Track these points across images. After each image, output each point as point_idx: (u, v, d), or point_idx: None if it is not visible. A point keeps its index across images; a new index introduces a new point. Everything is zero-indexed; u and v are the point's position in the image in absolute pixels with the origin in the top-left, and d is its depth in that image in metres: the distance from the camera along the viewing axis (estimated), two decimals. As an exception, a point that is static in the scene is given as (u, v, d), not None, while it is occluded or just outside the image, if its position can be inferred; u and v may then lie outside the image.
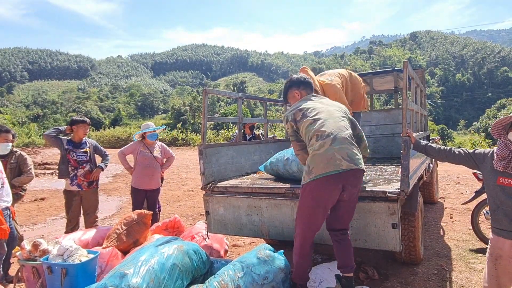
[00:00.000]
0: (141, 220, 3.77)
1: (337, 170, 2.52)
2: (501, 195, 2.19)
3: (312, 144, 2.62)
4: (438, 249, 4.23)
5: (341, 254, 2.75)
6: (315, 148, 2.59)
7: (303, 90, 2.98)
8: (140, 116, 74.47)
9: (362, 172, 2.66)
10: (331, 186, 2.56)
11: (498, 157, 2.20)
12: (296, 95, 2.99)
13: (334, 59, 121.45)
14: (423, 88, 5.64)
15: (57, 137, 4.46)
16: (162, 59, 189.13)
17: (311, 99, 2.90)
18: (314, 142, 2.61)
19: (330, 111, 2.79)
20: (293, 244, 2.79)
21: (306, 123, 2.70)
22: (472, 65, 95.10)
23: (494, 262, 2.23)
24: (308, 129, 2.69)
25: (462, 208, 6.10)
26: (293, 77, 3.08)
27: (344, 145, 2.59)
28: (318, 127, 2.64)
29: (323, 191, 2.58)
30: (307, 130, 2.69)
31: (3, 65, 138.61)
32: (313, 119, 2.69)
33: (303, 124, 2.72)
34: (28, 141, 30.99)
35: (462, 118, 73.16)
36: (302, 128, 2.74)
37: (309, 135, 2.67)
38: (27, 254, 3.08)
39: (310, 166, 2.59)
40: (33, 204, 8.14)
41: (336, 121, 2.72)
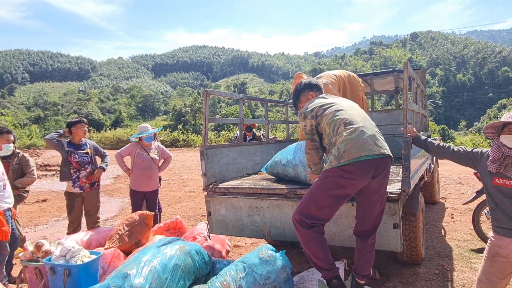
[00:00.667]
0: (143, 221, 3.78)
1: (370, 155, 2.42)
2: (498, 194, 2.22)
3: (341, 132, 2.51)
4: (439, 249, 4.23)
5: (361, 262, 2.70)
6: (345, 134, 2.48)
7: (316, 91, 3.02)
8: (141, 117, 74.60)
9: (391, 161, 2.59)
10: (363, 172, 2.43)
11: (491, 159, 2.24)
12: (310, 96, 3.00)
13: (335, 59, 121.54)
14: (424, 89, 5.65)
15: (58, 140, 4.46)
16: (162, 60, 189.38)
17: (326, 97, 2.89)
18: (343, 128, 2.52)
19: (350, 104, 2.82)
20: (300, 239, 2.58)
21: (330, 115, 2.63)
22: (473, 65, 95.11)
23: (491, 259, 2.25)
24: (332, 119, 2.60)
25: (463, 208, 6.10)
26: (305, 81, 3.11)
27: (374, 133, 2.56)
28: (344, 116, 2.59)
29: (354, 178, 2.43)
30: (331, 121, 2.60)
31: (4, 67, 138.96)
32: (336, 110, 2.65)
33: (326, 117, 2.64)
34: (30, 143, 31.03)
35: (463, 118, 73.18)
36: (324, 121, 2.64)
37: (336, 124, 2.57)
38: (30, 255, 3.09)
39: (341, 150, 2.44)
40: (35, 206, 8.16)
41: (360, 112, 2.74)
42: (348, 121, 2.55)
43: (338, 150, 2.46)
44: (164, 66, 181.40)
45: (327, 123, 2.62)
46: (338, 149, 2.46)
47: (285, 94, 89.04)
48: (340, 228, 3.07)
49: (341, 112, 2.63)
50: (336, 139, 2.53)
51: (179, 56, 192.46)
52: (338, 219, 3.05)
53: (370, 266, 2.74)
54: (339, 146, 2.47)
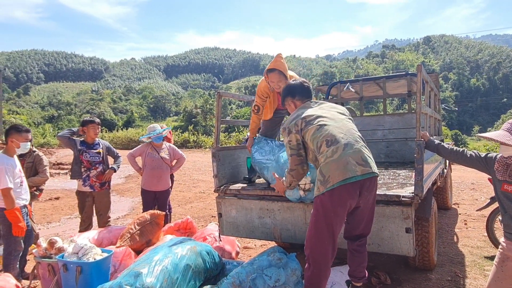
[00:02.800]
0: (154, 221, 3.81)
1: (353, 176, 2.37)
2: (506, 200, 2.22)
3: (323, 151, 2.45)
4: (452, 256, 4.17)
5: (354, 264, 2.71)
6: (327, 155, 2.41)
7: (298, 100, 2.82)
8: (152, 118, 75.22)
9: (376, 177, 2.55)
10: (350, 194, 2.40)
11: (495, 166, 2.24)
12: (292, 104, 2.86)
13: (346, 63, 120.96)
14: (437, 93, 5.59)
15: (70, 138, 4.51)
16: (174, 62, 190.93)
17: (311, 107, 2.73)
18: (325, 148, 2.44)
19: (334, 115, 2.67)
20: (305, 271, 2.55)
21: (312, 130, 2.53)
22: (488, 70, 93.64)
23: (501, 264, 2.23)
24: (314, 135, 2.51)
25: (477, 215, 6.00)
26: (290, 84, 2.93)
27: (357, 148, 2.47)
28: (326, 133, 2.49)
29: (343, 201, 2.40)
30: (313, 137, 2.51)
31: (20, 67, 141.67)
32: (318, 125, 2.54)
33: (309, 132, 2.54)
34: (43, 142, 31.53)
35: (477, 124, 72.03)
36: (307, 136, 2.55)
37: (318, 142, 2.49)
38: (43, 252, 3.14)
39: (326, 175, 2.39)
40: (48, 203, 8.29)
41: (343, 124, 2.61)
42: (330, 139, 2.46)
43: (323, 175, 2.41)
44: (176, 68, 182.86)
45: (311, 139, 2.53)
46: (323, 174, 2.41)
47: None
48: None
49: (325, 128, 2.52)
50: (319, 158, 2.48)
51: (190, 58, 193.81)
52: (349, 223, 3.03)
53: (364, 267, 2.74)
54: (322, 170, 2.42)
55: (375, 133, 6.07)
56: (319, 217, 2.45)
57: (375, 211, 2.77)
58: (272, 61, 3.56)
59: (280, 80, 3.50)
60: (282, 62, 3.50)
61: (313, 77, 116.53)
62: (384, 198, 2.86)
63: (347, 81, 6.64)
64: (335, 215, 2.43)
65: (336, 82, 6.87)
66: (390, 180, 3.80)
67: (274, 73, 3.49)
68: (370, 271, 3.58)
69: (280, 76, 3.48)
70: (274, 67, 3.49)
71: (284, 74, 3.48)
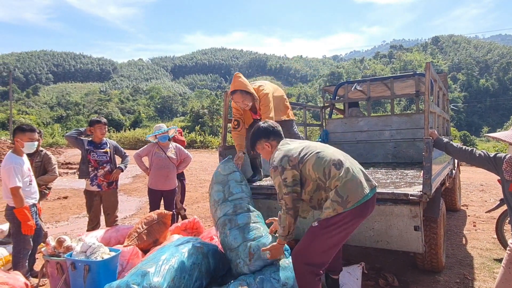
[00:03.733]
0: (161, 220, 3.82)
1: (367, 194, 2.38)
2: None
3: (335, 175, 2.38)
4: (460, 258, 4.13)
5: (334, 259, 2.73)
6: (342, 176, 2.36)
7: (273, 140, 2.74)
8: (160, 118, 75.53)
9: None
10: (368, 211, 2.43)
11: (503, 166, 2.23)
12: (267, 147, 2.76)
13: (354, 63, 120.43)
14: (446, 92, 5.54)
15: (78, 138, 4.53)
16: (181, 62, 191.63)
17: (289, 143, 2.69)
18: (336, 171, 2.38)
19: (318, 144, 2.68)
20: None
21: (312, 159, 2.46)
22: (497, 70, 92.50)
23: (509, 266, 2.21)
24: (318, 164, 2.44)
25: (486, 216, 5.94)
26: (260, 127, 2.80)
27: (358, 167, 2.51)
28: (330, 158, 2.44)
29: (359, 219, 2.41)
30: (317, 166, 2.43)
31: (30, 68, 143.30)
32: (315, 153, 2.48)
33: (308, 162, 2.46)
34: (52, 141, 31.84)
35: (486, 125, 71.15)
36: (308, 167, 2.46)
37: (324, 168, 2.42)
38: (52, 250, 3.16)
39: (344, 195, 2.32)
40: (56, 202, 8.37)
41: (333, 149, 2.62)
42: (337, 162, 2.43)
43: (341, 196, 2.33)
44: (183, 68, 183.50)
45: (313, 169, 2.45)
46: (340, 195, 2.33)
47: (302, 97, 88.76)
48: (360, 229, 3.06)
49: (324, 154, 2.48)
50: (331, 183, 2.39)
51: (197, 58, 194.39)
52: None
53: (341, 261, 2.93)
54: (339, 191, 2.34)
55: (383, 133, 6.04)
56: (331, 235, 2.38)
57: (384, 210, 2.83)
58: (231, 83, 3.68)
59: (244, 99, 3.62)
60: (241, 81, 3.62)
61: (320, 77, 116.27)
62: (392, 196, 2.85)
63: (355, 81, 6.62)
64: (349, 232, 2.43)
65: (344, 83, 6.85)
66: (398, 179, 3.78)
67: (236, 94, 3.63)
68: (377, 273, 3.57)
69: (243, 95, 3.61)
70: (235, 88, 3.61)
71: (245, 91, 3.59)
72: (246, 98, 3.62)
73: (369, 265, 3.69)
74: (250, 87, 3.65)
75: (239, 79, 3.65)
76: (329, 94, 7.27)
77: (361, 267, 3.10)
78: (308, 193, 2.53)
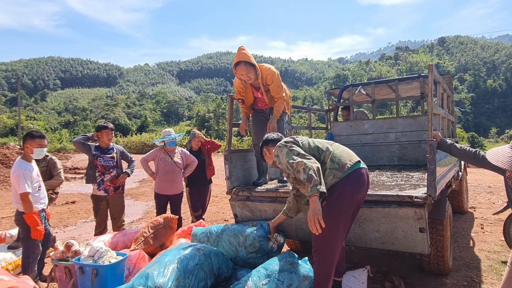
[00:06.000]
0: (167, 224, 3.86)
1: (358, 161, 2.67)
2: None
3: (327, 149, 2.71)
4: (467, 260, 4.10)
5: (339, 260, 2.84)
6: (334, 149, 2.71)
7: (271, 147, 2.98)
8: (166, 122, 75.97)
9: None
10: (363, 182, 2.63)
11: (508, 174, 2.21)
12: (267, 152, 3.04)
13: (359, 65, 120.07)
14: (451, 94, 5.52)
15: (85, 143, 4.58)
16: (187, 66, 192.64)
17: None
18: (329, 147, 2.73)
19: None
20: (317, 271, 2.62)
21: (308, 140, 2.81)
22: (505, 70, 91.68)
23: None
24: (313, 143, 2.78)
25: (493, 219, 5.88)
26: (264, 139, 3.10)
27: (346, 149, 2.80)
28: (323, 141, 2.84)
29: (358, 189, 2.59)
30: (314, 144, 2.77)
31: (38, 74, 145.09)
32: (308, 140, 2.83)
33: (306, 141, 2.80)
34: (60, 147, 32.20)
35: (494, 126, 70.53)
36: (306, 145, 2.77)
37: (318, 145, 2.74)
38: (60, 255, 3.21)
39: (340, 162, 2.60)
40: (64, 207, 8.46)
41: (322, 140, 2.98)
42: (328, 143, 2.79)
43: (337, 163, 2.60)
44: (189, 72, 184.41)
45: (310, 145, 2.75)
46: (336, 162, 2.61)
47: (308, 100, 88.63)
48: (365, 231, 3.09)
49: (318, 139, 2.88)
50: (325, 156, 2.67)
51: (203, 63, 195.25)
52: (363, 222, 3.07)
53: (344, 262, 3.04)
54: (334, 159, 2.62)
55: (388, 135, 6.02)
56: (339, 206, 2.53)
57: (389, 213, 2.85)
58: (236, 56, 3.60)
59: (248, 71, 3.57)
60: (244, 52, 3.55)
61: (326, 80, 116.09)
62: (397, 199, 2.85)
63: (359, 84, 6.62)
64: (353, 203, 2.58)
65: (348, 85, 6.85)
66: (403, 181, 3.77)
67: (240, 66, 3.56)
68: (384, 276, 3.56)
69: (247, 67, 3.55)
70: (239, 59, 3.54)
71: (250, 63, 3.54)
72: (250, 71, 3.58)
73: (375, 268, 3.68)
74: (253, 59, 3.61)
75: (243, 51, 3.58)
76: (334, 97, 7.27)
77: (366, 271, 3.09)
78: None
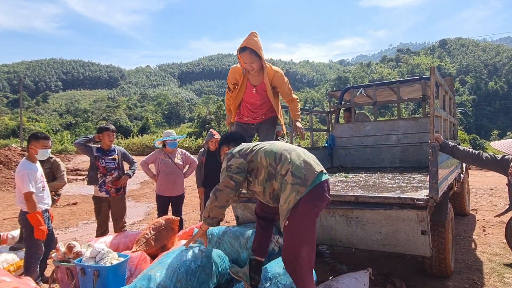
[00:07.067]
0: (168, 226, 3.86)
1: (321, 172, 2.41)
2: None
3: (286, 158, 2.42)
4: (469, 263, 4.09)
5: (261, 240, 2.83)
6: (294, 159, 2.41)
7: (232, 146, 2.83)
8: (167, 124, 75.98)
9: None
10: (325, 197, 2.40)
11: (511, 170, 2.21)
12: (221, 150, 2.92)
13: (360, 67, 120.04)
14: (452, 96, 5.52)
15: (86, 145, 4.60)
16: (188, 68, 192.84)
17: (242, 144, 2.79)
18: (287, 155, 2.44)
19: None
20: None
21: (264, 147, 2.55)
22: (506, 72, 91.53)
23: None
24: (270, 150, 2.51)
25: (495, 221, 5.87)
26: (223, 135, 3.07)
27: (307, 154, 2.54)
28: (281, 146, 2.54)
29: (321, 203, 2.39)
30: (269, 152, 2.50)
31: (40, 76, 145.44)
32: (269, 144, 2.59)
33: (261, 150, 2.53)
34: (61, 148, 32.24)
35: (495, 128, 70.30)
36: (260, 154, 2.51)
37: (275, 153, 2.48)
38: (62, 256, 3.22)
39: (302, 175, 2.33)
40: (66, 209, 8.47)
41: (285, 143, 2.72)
42: (288, 149, 2.50)
43: (299, 177, 2.33)
44: (190, 74, 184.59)
45: (265, 155, 2.49)
46: (298, 176, 2.33)
47: (309, 102, 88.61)
48: (367, 233, 3.08)
49: (275, 144, 2.58)
50: (283, 167, 2.39)
51: (204, 64, 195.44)
52: (364, 224, 3.06)
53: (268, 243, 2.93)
54: (295, 173, 2.34)
55: (389, 137, 6.03)
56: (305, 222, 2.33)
57: (390, 215, 2.82)
58: (244, 40, 3.27)
59: (253, 61, 3.27)
60: (255, 40, 3.24)
61: (327, 82, 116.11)
62: (398, 201, 2.85)
63: (361, 86, 6.62)
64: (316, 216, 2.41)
65: (350, 87, 6.86)
66: (405, 184, 3.77)
67: (245, 53, 3.25)
68: (385, 278, 3.55)
69: (252, 57, 3.25)
70: (246, 45, 3.22)
71: (256, 53, 3.23)
72: (255, 61, 3.27)
73: (377, 270, 3.67)
74: (262, 51, 3.29)
75: (255, 38, 3.24)
76: (336, 99, 7.28)
77: (368, 273, 3.09)
78: (261, 183, 2.51)
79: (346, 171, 5.41)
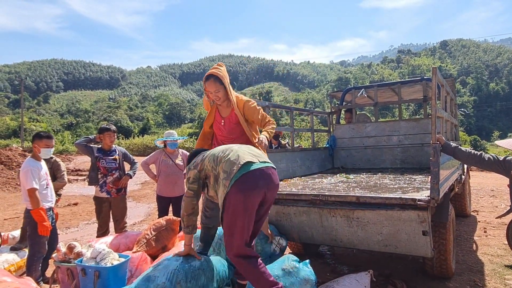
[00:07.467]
0: (169, 226, 3.86)
1: (253, 162, 2.41)
2: None
3: (221, 158, 2.51)
4: (471, 264, 4.08)
5: None
6: (224, 157, 2.48)
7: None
8: (168, 125, 76.00)
9: (275, 169, 2.56)
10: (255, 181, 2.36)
11: None
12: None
13: (361, 68, 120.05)
14: (454, 97, 5.51)
15: (87, 145, 4.61)
16: (189, 69, 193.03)
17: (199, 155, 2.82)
18: (222, 155, 2.51)
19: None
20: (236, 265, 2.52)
21: (208, 155, 2.63)
22: (507, 74, 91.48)
23: None
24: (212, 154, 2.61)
25: (496, 222, 5.86)
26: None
27: (248, 150, 2.55)
28: (221, 148, 2.64)
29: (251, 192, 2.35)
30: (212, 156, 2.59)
31: (41, 76, 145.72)
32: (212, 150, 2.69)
33: (206, 158, 2.61)
34: (62, 148, 32.29)
35: (496, 129, 70.26)
36: (206, 162, 2.60)
37: (215, 155, 2.56)
38: (62, 256, 3.21)
39: (228, 170, 2.39)
40: (66, 209, 8.47)
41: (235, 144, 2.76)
42: (225, 149, 2.59)
43: (226, 172, 2.40)
44: (191, 75, 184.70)
45: (208, 161, 2.58)
46: (225, 171, 2.41)
47: (310, 102, 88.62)
48: (368, 233, 3.08)
49: (217, 148, 2.69)
50: (219, 167, 2.47)
51: (205, 65, 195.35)
52: (365, 225, 3.05)
53: None
54: (224, 168, 2.42)
55: (390, 138, 6.02)
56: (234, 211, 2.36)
57: (392, 216, 2.81)
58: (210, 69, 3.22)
59: (218, 90, 3.15)
60: (221, 69, 3.17)
61: (328, 83, 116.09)
62: (400, 201, 2.84)
63: (362, 87, 6.62)
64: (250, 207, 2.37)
65: (351, 88, 6.85)
66: (406, 184, 3.76)
67: (209, 82, 3.15)
68: (386, 279, 3.55)
69: (217, 85, 3.13)
70: (210, 73, 3.14)
71: (221, 81, 3.12)
72: (220, 89, 3.14)
73: (378, 271, 3.66)
74: (227, 81, 3.18)
75: (220, 67, 3.17)
76: (337, 100, 7.28)
77: (369, 275, 3.08)
78: (212, 188, 2.59)
79: (347, 172, 5.41)
